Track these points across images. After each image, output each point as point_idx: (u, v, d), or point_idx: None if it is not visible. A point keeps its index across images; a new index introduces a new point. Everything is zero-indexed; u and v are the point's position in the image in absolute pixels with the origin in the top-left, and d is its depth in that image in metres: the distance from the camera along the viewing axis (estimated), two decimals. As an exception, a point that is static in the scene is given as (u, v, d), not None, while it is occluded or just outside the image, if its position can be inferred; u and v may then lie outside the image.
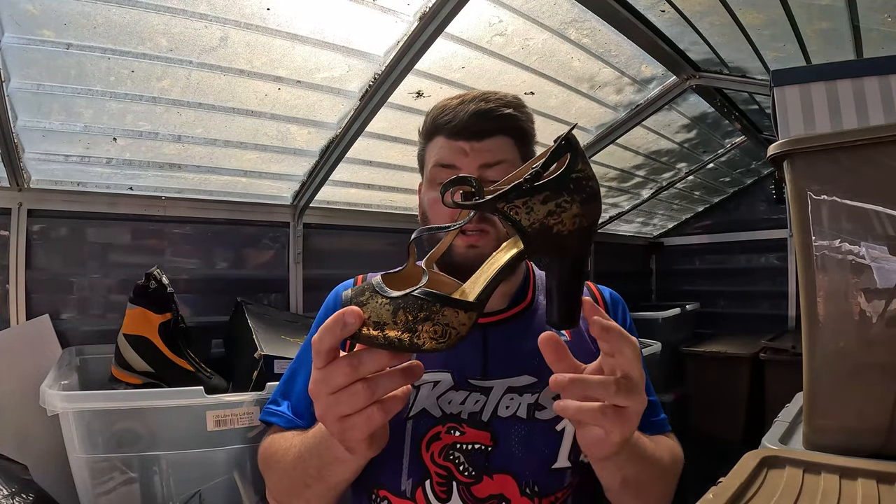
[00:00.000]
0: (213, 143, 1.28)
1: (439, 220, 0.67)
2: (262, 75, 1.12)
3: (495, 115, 0.66)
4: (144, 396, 0.93)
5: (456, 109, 0.66)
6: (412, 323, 0.41)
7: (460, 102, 0.67)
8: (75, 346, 1.26)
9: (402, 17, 1.06)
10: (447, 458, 0.62)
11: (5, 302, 1.21)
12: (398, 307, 0.41)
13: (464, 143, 0.66)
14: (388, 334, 0.41)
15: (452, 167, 0.66)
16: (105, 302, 1.35)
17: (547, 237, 0.42)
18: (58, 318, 1.27)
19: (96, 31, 0.93)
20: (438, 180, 0.67)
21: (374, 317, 0.41)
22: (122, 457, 0.92)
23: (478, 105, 0.66)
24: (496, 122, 0.66)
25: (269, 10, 0.98)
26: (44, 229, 1.28)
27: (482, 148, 0.66)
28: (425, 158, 0.72)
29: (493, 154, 0.66)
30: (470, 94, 0.69)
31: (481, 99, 0.67)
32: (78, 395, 0.94)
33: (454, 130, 0.66)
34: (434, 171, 0.68)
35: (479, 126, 0.65)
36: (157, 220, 1.41)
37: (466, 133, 0.66)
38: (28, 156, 1.17)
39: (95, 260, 1.34)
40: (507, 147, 0.67)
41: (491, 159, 0.66)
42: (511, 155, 0.68)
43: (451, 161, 0.66)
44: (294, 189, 1.56)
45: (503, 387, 0.65)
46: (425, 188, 0.72)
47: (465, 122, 0.65)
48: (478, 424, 0.63)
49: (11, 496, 0.79)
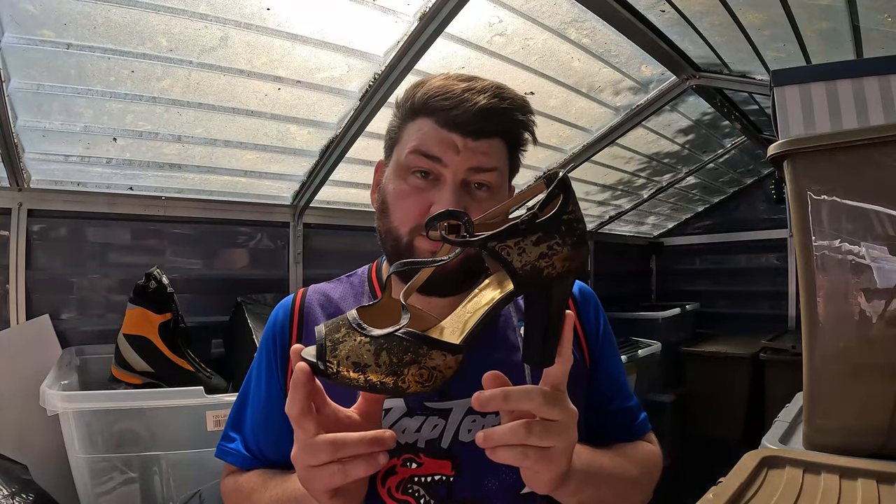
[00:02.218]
0: (213, 143, 1.28)
1: (404, 218, 0.57)
2: (262, 75, 1.12)
3: (505, 117, 0.57)
4: (144, 396, 0.93)
5: (462, 98, 0.56)
6: (397, 366, 0.38)
7: (467, 90, 0.56)
8: (75, 346, 1.26)
9: (402, 17, 1.06)
10: (406, 491, 0.56)
11: (5, 302, 1.21)
12: (381, 348, 0.38)
13: (458, 137, 0.56)
14: (369, 377, 0.38)
15: (437, 160, 0.56)
16: (105, 302, 1.35)
17: (537, 279, 0.41)
18: (58, 318, 1.27)
19: (96, 31, 0.93)
20: (414, 168, 0.57)
21: (353, 357, 0.38)
22: (122, 457, 0.92)
23: (490, 101, 0.55)
24: (502, 125, 0.57)
25: (269, 10, 0.98)
26: (44, 229, 1.28)
27: (477, 148, 0.56)
28: (399, 138, 0.60)
29: (487, 158, 0.57)
30: (478, 82, 0.57)
31: (494, 94, 0.56)
32: (78, 395, 0.94)
33: (451, 120, 0.56)
34: (411, 159, 0.57)
35: (483, 124, 0.56)
36: (157, 220, 1.41)
37: (466, 127, 0.55)
38: (28, 156, 1.17)
39: (95, 260, 1.34)
40: (501, 153, 0.59)
41: (484, 163, 0.57)
42: (503, 163, 0.60)
43: (436, 153, 0.56)
44: (294, 189, 1.56)
45: (464, 408, 0.58)
46: (391, 174, 0.60)
47: (470, 115, 0.55)
48: (437, 453, 0.57)
49: (11, 496, 0.79)
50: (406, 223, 0.57)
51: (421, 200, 0.56)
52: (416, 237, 0.57)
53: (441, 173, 0.56)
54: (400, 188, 0.58)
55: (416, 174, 0.57)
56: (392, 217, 0.58)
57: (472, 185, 0.57)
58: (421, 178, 0.57)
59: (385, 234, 0.60)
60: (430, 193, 0.56)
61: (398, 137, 0.60)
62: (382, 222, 0.60)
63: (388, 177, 0.61)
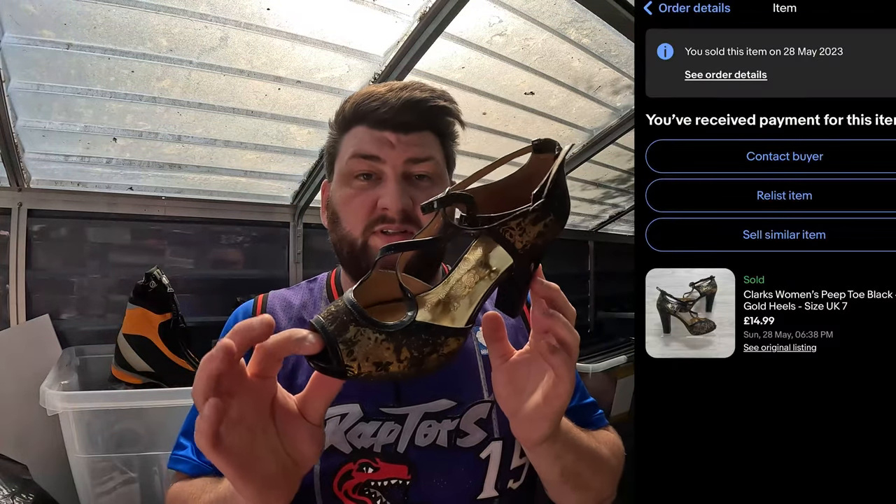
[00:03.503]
0: (213, 143, 1.28)
1: (354, 220, 0.59)
2: (262, 75, 1.12)
3: (428, 107, 0.60)
4: (144, 396, 0.93)
5: (385, 96, 0.59)
6: (418, 359, 0.38)
7: (389, 90, 0.60)
8: (75, 346, 1.26)
9: (402, 17, 1.06)
10: (363, 493, 0.57)
11: (5, 302, 1.21)
12: (400, 344, 0.37)
13: (390, 133, 0.59)
14: (391, 372, 0.37)
15: (375, 159, 0.59)
16: (105, 302, 1.35)
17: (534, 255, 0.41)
18: (58, 318, 1.27)
19: (96, 31, 0.93)
20: (356, 173, 0.60)
21: (373, 357, 0.37)
22: (122, 457, 0.92)
23: (411, 93, 0.59)
24: (427, 116, 0.60)
25: (269, 10, 0.98)
26: (44, 229, 1.28)
27: (410, 141, 0.59)
28: (338, 151, 0.63)
29: (420, 149, 0.60)
30: (399, 82, 0.62)
31: (414, 87, 0.60)
32: (78, 395, 0.94)
33: (380, 119, 0.59)
34: (352, 164, 0.60)
35: (410, 117, 0.59)
36: (157, 220, 1.41)
37: (394, 123, 0.59)
38: (28, 156, 1.17)
39: (95, 260, 1.34)
40: (433, 144, 0.61)
41: (419, 154, 0.59)
42: (437, 153, 0.62)
43: (373, 152, 0.59)
44: (294, 189, 1.56)
45: (419, 413, 0.58)
46: (337, 184, 0.62)
47: (396, 110, 0.58)
48: (393, 457, 0.57)
49: (11, 496, 0.79)
50: (357, 225, 0.59)
51: (367, 199, 0.59)
52: (369, 237, 0.58)
53: (381, 171, 0.59)
54: (345, 193, 0.60)
55: (359, 178, 0.59)
56: (343, 223, 0.61)
57: (413, 178, 0.59)
58: (364, 181, 0.59)
59: (339, 242, 0.61)
60: (375, 190, 0.58)
61: (336, 151, 0.63)
62: (335, 232, 0.62)
63: (333, 189, 0.63)
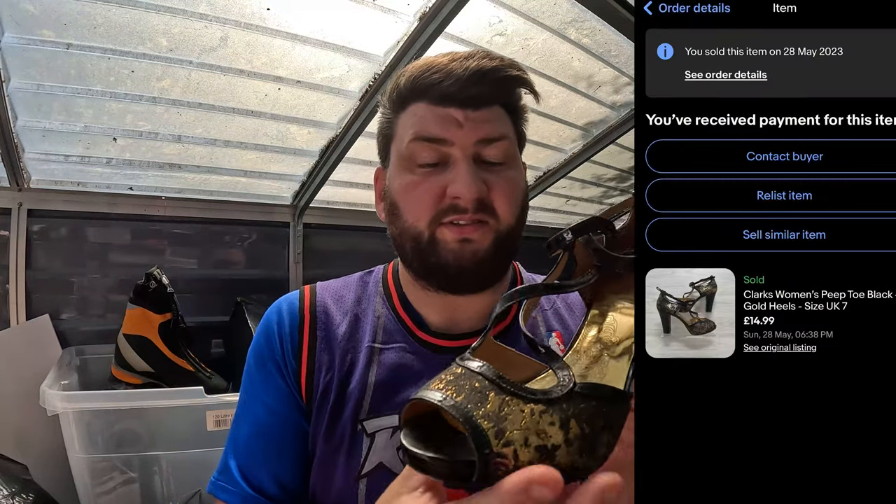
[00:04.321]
0: (213, 143, 1.28)
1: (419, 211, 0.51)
2: (262, 75, 1.12)
3: (500, 78, 0.51)
4: (144, 396, 0.93)
5: (449, 67, 0.50)
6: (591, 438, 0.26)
7: (452, 59, 0.51)
8: (75, 346, 1.26)
9: (402, 17, 1.06)
10: None
11: (5, 302, 1.21)
12: (567, 416, 0.26)
13: (457, 110, 0.50)
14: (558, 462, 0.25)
15: (441, 141, 0.50)
16: (105, 302, 1.35)
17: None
18: (58, 318, 1.27)
19: (96, 31, 0.93)
20: (418, 160, 0.51)
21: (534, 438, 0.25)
22: (122, 457, 0.92)
23: (479, 62, 0.50)
24: (498, 87, 0.52)
25: (269, 10, 0.98)
26: (44, 229, 1.28)
27: (480, 118, 0.50)
28: (394, 133, 0.54)
29: (493, 126, 0.51)
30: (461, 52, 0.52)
31: (482, 56, 0.51)
32: (78, 395, 0.94)
33: (445, 93, 0.50)
34: (413, 148, 0.51)
35: (480, 90, 0.50)
36: (157, 220, 1.41)
37: (461, 98, 0.50)
38: (28, 156, 1.17)
39: (95, 260, 1.34)
40: (505, 121, 0.53)
41: (492, 133, 0.51)
42: (510, 131, 0.53)
43: (439, 134, 0.50)
44: (294, 189, 1.56)
45: None
46: (396, 171, 0.53)
47: (463, 82, 0.49)
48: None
49: (11, 496, 0.79)
50: (423, 216, 0.50)
51: (433, 186, 0.50)
52: (437, 229, 0.50)
53: (449, 154, 0.50)
54: (407, 181, 0.51)
55: (424, 166, 0.51)
56: (405, 215, 0.52)
57: (486, 160, 0.51)
58: (429, 168, 0.51)
59: (400, 236, 0.53)
60: (443, 176, 0.50)
61: (392, 133, 0.55)
62: (395, 225, 0.53)
63: (392, 176, 0.54)
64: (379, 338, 0.56)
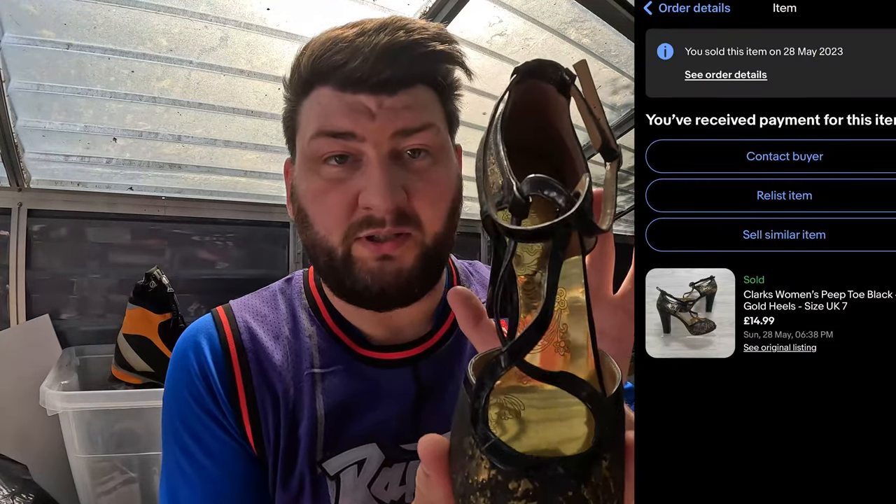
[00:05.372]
0: (213, 143, 1.28)
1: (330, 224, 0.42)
2: (262, 75, 1.12)
3: (420, 55, 0.41)
4: (144, 396, 0.93)
5: (356, 43, 0.40)
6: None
7: (360, 33, 0.41)
8: (75, 346, 1.26)
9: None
10: None
11: (5, 302, 1.21)
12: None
13: (367, 96, 0.40)
14: None
15: (348, 136, 0.41)
16: (105, 302, 1.35)
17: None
18: (58, 318, 1.27)
19: (96, 31, 0.93)
20: (324, 156, 0.42)
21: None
22: (122, 457, 0.92)
23: (392, 37, 0.40)
24: (418, 66, 0.42)
25: (269, 10, 0.98)
26: (44, 229, 1.28)
27: (396, 104, 0.41)
28: (297, 123, 0.45)
29: (413, 114, 0.41)
30: (371, 21, 0.42)
31: (396, 27, 0.41)
32: (78, 395, 0.94)
33: (351, 77, 0.40)
34: (317, 144, 0.42)
35: (393, 71, 0.40)
36: (157, 220, 1.41)
37: (372, 82, 0.40)
38: (28, 156, 1.17)
39: (95, 260, 1.34)
40: (430, 103, 0.43)
41: (412, 122, 0.41)
42: (437, 116, 0.44)
43: (346, 127, 0.41)
44: (294, 189, 1.56)
45: None
46: (301, 172, 0.44)
47: (372, 62, 0.40)
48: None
49: (11, 496, 0.79)
50: (334, 229, 0.42)
51: (343, 194, 0.41)
52: (352, 244, 0.42)
53: (360, 151, 0.41)
54: (313, 186, 0.43)
55: (330, 161, 0.42)
56: (315, 225, 0.43)
57: (405, 155, 0.42)
58: (336, 166, 0.42)
59: (312, 247, 0.44)
60: (354, 180, 0.41)
61: (296, 123, 0.45)
62: (305, 234, 0.45)
63: (298, 177, 0.45)
64: (317, 362, 0.47)
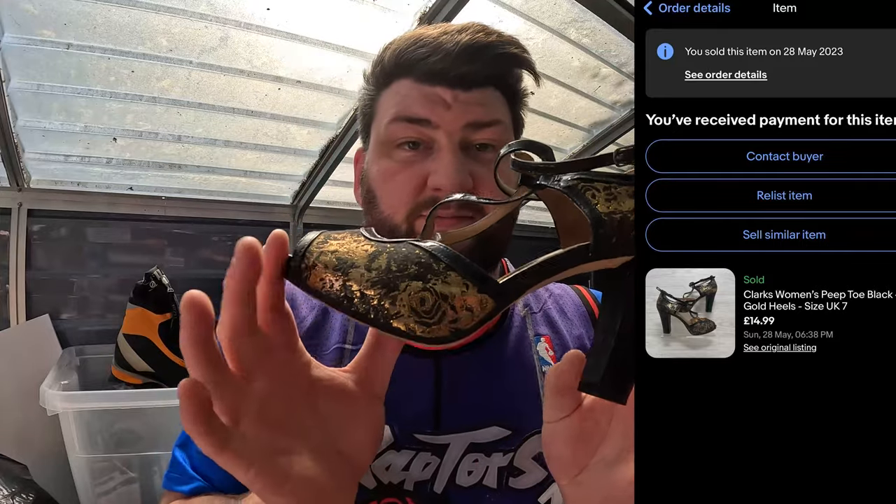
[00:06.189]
0: (213, 143, 1.28)
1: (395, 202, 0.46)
2: (262, 75, 1.12)
3: (496, 56, 0.45)
4: (144, 396, 0.93)
5: (439, 41, 0.44)
6: (394, 276, 0.26)
7: (443, 32, 0.45)
8: (75, 346, 1.26)
9: (402, 17, 1.06)
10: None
11: (5, 302, 1.21)
12: (382, 251, 0.27)
13: (445, 89, 0.44)
14: (349, 284, 0.26)
15: (424, 123, 0.44)
16: (105, 302, 1.35)
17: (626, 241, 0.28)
18: (58, 318, 1.27)
19: (96, 31, 0.93)
20: (399, 140, 0.45)
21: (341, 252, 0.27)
22: (122, 457, 0.92)
23: (473, 37, 0.44)
24: (494, 67, 0.46)
25: (269, 10, 0.98)
26: (44, 229, 1.28)
27: (471, 100, 0.44)
28: (375, 112, 0.49)
29: (484, 110, 0.45)
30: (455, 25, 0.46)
31: (476, 30, 0.45)
32: (78, 395, 0.94)
33: (432, 70, 0.44)
34: (393, 129, 0.45)
35: (472, 68, 0.44)
36: (157, 220, 1.41)
37: (451, 76, 0.44)
38: (28, 156, 1.17)
39: (95, 260, 1.34)
40: (499, 104, 0.47)
41: (482, 116, 0.45)
42: (504, 116, 0.48)
43: (423, 114, 0.44)
44: (294, 189, 1.56)
45: (464, 443, 0.46)
46: (374, 155, 0.48)
47: (453, 58, 0.44)
48: (428, 499, 0.45)
49: (11, 496, 0.79)
50: (400, 207, 0.45)
51: (413, 176, 0.45)
52: (414, 222, 0.45)
53: (433, 138, 0.45)
54: (385, 167, 0.46)
55: (404, 146, 0.45)
56: (381, 204, 0.46)
57: (474, 147, 0.46)
58: (410, 150, 0.45)
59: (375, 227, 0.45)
60: (424, 164, 0.45)
61: (373, 111, 0.49)
62: (371, 215, 0.48)
63: (370, 160, 0.49)
64: (350, 338, 0.49)
